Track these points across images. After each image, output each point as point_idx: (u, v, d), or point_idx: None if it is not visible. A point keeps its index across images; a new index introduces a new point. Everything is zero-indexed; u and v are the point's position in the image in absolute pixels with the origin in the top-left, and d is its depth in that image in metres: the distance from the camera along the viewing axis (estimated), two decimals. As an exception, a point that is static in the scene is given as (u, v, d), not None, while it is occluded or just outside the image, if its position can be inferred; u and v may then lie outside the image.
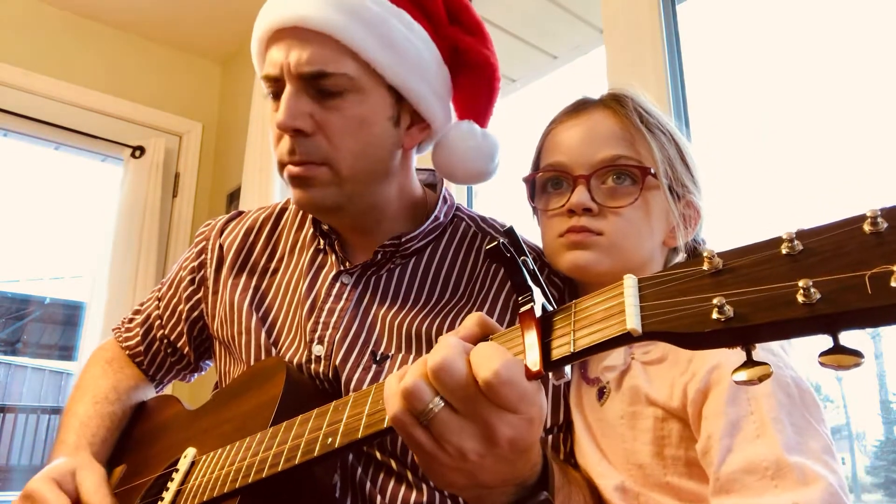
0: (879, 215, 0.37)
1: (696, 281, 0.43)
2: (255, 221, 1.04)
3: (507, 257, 0.53)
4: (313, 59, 0.81)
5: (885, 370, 1.45)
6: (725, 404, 0.66)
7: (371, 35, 0.83)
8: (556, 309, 0.53)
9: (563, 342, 0.50)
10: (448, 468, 0.53)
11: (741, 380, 0.41)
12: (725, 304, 0.40)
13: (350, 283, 0.91)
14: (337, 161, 0.84)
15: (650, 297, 0.46)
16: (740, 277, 0.41)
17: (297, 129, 0.82)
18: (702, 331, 0.41)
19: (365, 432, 0.60)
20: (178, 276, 1.07)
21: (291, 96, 0.82)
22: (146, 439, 0.99)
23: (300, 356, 0.87)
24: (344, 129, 0.83)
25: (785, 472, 0.61)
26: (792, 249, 0.40)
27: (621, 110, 0.84)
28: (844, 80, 1.43)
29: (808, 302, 0.37)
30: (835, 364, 0.37)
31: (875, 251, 0.37)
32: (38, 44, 2.78)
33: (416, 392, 0.52)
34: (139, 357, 1.09)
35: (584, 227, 0.80)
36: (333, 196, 0.85)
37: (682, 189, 0.84)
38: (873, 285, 0.35)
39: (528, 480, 0.58)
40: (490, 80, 0.93)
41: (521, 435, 0.52)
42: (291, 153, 0.84)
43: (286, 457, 0.67)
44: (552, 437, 0.83)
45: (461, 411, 0.52)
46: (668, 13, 1.53)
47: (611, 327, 0.47)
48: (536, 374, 0.50)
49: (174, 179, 3.03)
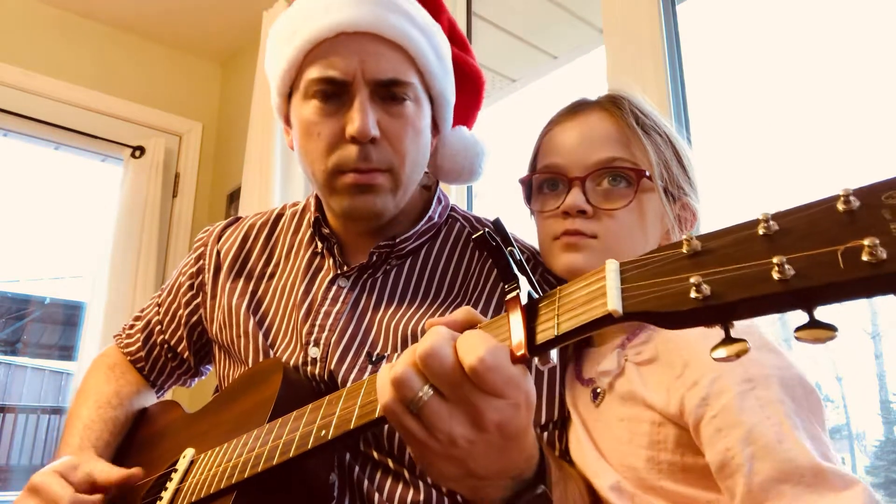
0: (852, 194, 0.38)
1: (674, 262, 0.44)
2: (252, 227, 1.05)
3: (492, 245, 0.55)
4: (389, 68, 0.83)
5: (885, 370, 1.45)
6: (738, 414, 0.64)
7: (428, 45, 0.87)
8: (542, 296, 0.54)
9: (548, 326, 0.51)
10: (440, 456, 0.54)
11: (720, 356, 0.42)
12: (703, 283, 0.41)
13: (346, 286, 0.92)
14: (398, 168, 0.85)
15: (631, 280, 0.47)
16: (718, 257, 0.42)
17: (373, 137, 0.82)
18: (680, 309, 0.42)
19: (358, 423, 0.61)
20: (178, 282, 1.08)
21: (366, 102, 0.82)
22: (147, 443, 1.00)
23: (296, 358, 0.88)
24: (406, 136, 0.85)
25: (822, 478, 0.60)
26: (768, 229, 0.41)
27: (617, 112, 0.84)
28: (845, 79, 1.43)
29: (783, 278, 0.38)
30: (811, 338, 0.38)
31: (847, 228, 0.38)
32: (38, 44, 2.78)
33: (405, 380, 0.53)
34: (140, 363, 1.11)
35: (577, 229, 0.80)
36: (388, 203, 0.86)
37: (678, 191, 0.84)
38: (845, 260, 0.37)
39: (524, 474, 0.58)
40: (479, 88, 1.04)
41: (508, 419, 0.53)
42: (363, 160, 0.82)
43: (281, 451, 0.68)
44: (547, 433, 0.83)
45: (449, 397, 0.53)
46: (668, 13, 1.53)
47: (593, 309, 0.48)
48: (521, 358, 0.51)
49: (174, 179, 3.03)
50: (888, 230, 0.36)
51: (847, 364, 1.51)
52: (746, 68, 1.61)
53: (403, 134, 0.85)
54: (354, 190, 0.84)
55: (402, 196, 0.88)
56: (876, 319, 1.50)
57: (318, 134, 0.84)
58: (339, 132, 0.83)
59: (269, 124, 2.40)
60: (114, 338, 1.16)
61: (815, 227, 0.39)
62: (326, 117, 0.84)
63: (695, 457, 0.70)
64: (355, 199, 0.84)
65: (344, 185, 0.84)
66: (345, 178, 0.84)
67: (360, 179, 0.83)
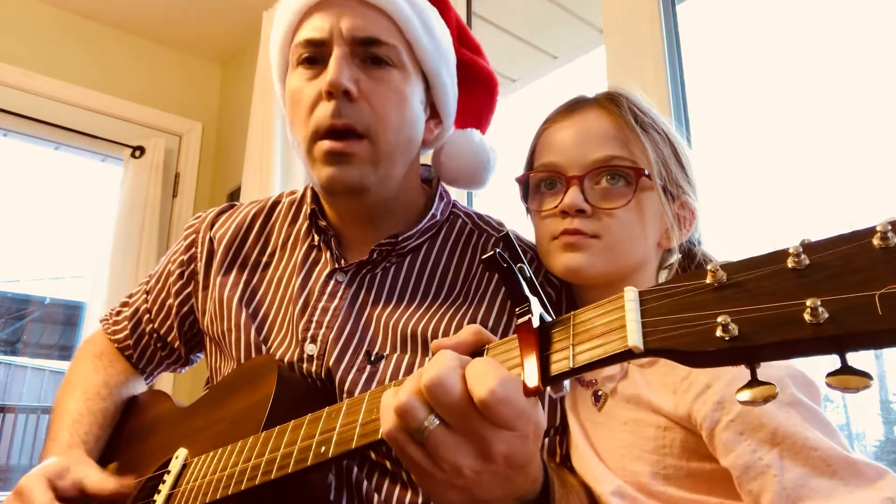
0: (890, 229, 0.36)
1: (699, 295, 0.42)
2: (247, 215, 1.02)
3: (503, 268, 0.52)
4: (367, 27, 0.83)
5: (885, 370, 1.45)
6: (759, 416, 0.64)
7: (416, 18, 0.87)
8: (555, 320, 0.52)
9: (562, 357, 0.49)
10: (444, 485, 0.53)
11: (745, 400, 0.40)
12: (730, 323, 0.39)
13: (345, 281, 0.90)
14: (377, 133, 0.83)
15: (651, 312, 0.44)
16: (745, 293, 0.40)
17: (346, 90, 0.81)
18: (706, 350, 0.40)
19: (359, 443, 0.59)
20: (167, 270, 1.05)
21: (342, 58, 0.82)
22: (137, 436, 0.98)
23: (292, 354, 0.86)
24: (387, 100, 0.84)
25: (854, 469, 0.60)
26: (798, 264, 0.38)
27: (615, 110, 0.83)
28: (845, 79, 1.43)
29: (815, 322, 0.36)
30: (841, 386, 0.36)
31: (885, 267, 0.35)
32: (39, 44, 2.78)
33: (410, 410, 0.51)
34: (128, 350, 1.08)
35: (577, 229, 0.79)
36: (367, 176, 0.84)
37: (677, 189, 0.83)
38: (883, 305, 0.34)
39: (528, 495, 0.57)
40: (492, 91, 1.02)
41: (516, 451, 0.52)
42: (336, 115, 0.81)
43: (279, 465, 0.67)
44: (548, 439, 0.82)
45: (456, 428, 0.51)
46: (668, 13, 1.53)
47: (612, 343, 0.45)
48: (535, 391, 0.49)
49: (174, 179, 3.03)
50: None
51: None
52: (746, 68, 1.61)
53: (384, 98, 0.83)
54: (330, 158, 0.82)
55: (386, 170, 0.85)
56: (876, 319, 1.49)
57: (300, 100, 0.85)
58: (318, 93, 0.83)
59: (269, 124, 2.40)
60: (100, 322, 1.12)
61: (849, 265, 0.37)
62: (308, 81, 0.85)
63: (700, 462, 0.69)
64: (330, 169, 0.82)
65: (320, 152, 0.82)
66: (321, 145, 0.82)
67: (335, 147, 0.81)
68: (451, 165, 0.97)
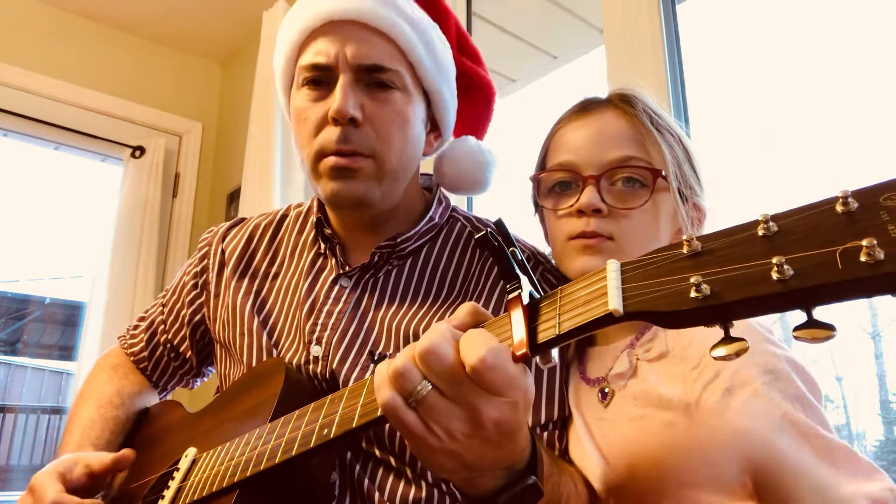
0: (850, 196, 0.39)
1: (675, 262, 0.45)
2: (257, 227, 1.06)
3: (495, 246, 0.56)
4: (372, 53, 0.85)
5: (885, 370, 1.45)
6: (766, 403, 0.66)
7: (420, 40, 0.89)
8: (543, 296, 0.55)
9: (549, 325, 0.51)
10: (437, 451, 0.55)
11: (720, 355, 0.43)
12: (702, 283, 0.42)
13: (349, 285, 0.93)
14: (382, 154, 0.86)
15: (631, 280, 0.47)
16: (717, 258, 0.43)
17: (353, 117, 0.83)
18: (680, 308, 0.43)
19: (360, 421, 0.61)
20: (182, 282, 1.09)
21: (347, 85, 0.84)
22: (149, 443, 1.00)
23: (299, 357, 0.89)
24: (391, 122, 0.86)
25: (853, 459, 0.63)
26: (768, 230, 0.41)
27: (631, 111, 0.83)
28: (845, 79, 1.43)
29: (781, 278, 0.39)
30: (809, 337, 0.39)
31: (846, 229, 0.38)
32: (38, 44, 2.78)
33: (404, 374, 0.54)
34: (143, 363, 1.11)
35: (595, 231, 0.79)
36: (371, 190, 0.87)
37: (690, 191, 0.84)
38: (844, 260, 0.37)
39: (517, 465, 0.59)
40: (490, 100, 1.04)
41: (506, 417, 0.54)
42: (342, 141, 0.84)
43: (283, 449, 0.69)
44: (547, 432, 0.83)
45: (448, 394, 0.53)
46: (668, 13, 1.53)
47: (594, 309, 0.48)
48: (522, 357, 0.52)
49: (174, 179, 3.03)
50: (886, 231, 0.37)
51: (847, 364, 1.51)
52: (746, 68, 1.61)
53: (388, 121, 0.86)
54: (335, 173, 0.85)
55: (389, 186, 0.88)
56: (876, 319, 1.50)
57: (306, 119, 0.87)
58: (323, 116, 0.85)
59: (269, 124, 2.40)
60: (118, 339, 1.16)
61: (814, 229, 0.40)
62: (313, 102, 0.87)
63: None
64: (334, 183, 0.85)
65: (325, 167, 0.86)
66: (326, 161, 0.85)
67: (340, 162, 0.84)
68: (452, 172, 1.00)
